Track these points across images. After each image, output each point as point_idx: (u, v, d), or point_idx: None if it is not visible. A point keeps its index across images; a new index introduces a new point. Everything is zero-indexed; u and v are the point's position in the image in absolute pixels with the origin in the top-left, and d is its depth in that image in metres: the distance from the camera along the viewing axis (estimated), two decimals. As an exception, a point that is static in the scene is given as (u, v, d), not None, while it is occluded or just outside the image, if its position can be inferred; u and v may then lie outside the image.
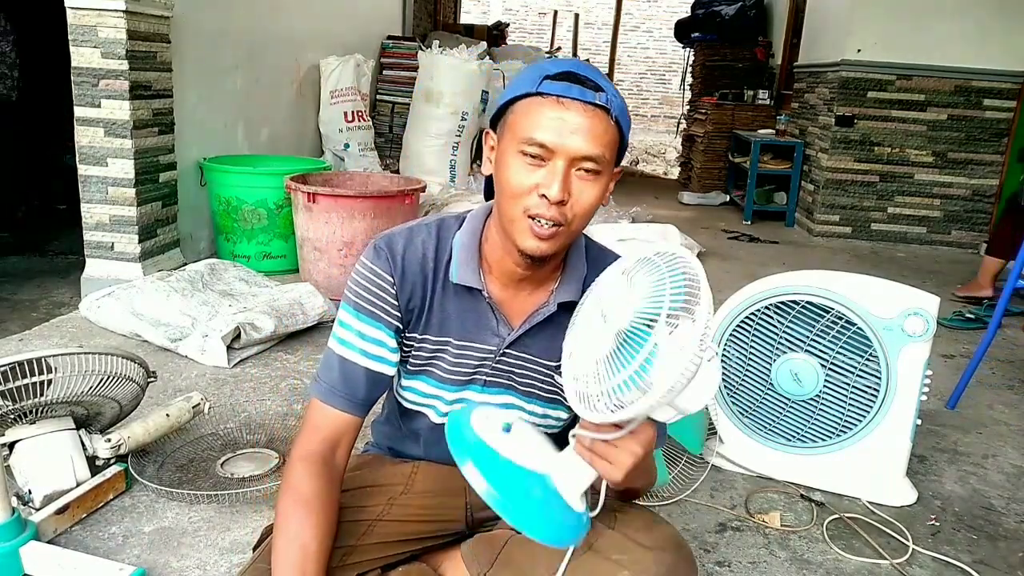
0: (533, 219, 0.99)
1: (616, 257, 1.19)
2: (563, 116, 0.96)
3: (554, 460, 1.00)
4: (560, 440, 1.19)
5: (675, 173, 8.57)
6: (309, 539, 1.00)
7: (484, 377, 1.14)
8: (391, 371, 1.12)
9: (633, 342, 0.89)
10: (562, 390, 1.15)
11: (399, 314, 1.10)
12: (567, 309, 1.12)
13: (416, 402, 1.18)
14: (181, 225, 3.46)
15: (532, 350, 1.13)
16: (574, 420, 1.25)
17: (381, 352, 1.10)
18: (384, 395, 1.29)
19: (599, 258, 1.17)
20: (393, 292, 1.09)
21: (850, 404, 1.91)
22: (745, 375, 1.99)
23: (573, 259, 1.13)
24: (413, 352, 1.14)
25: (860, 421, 1.90)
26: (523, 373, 1.14)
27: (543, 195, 0.97)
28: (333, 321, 1.15)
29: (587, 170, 0.98)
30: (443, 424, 1.18)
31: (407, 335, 1.13)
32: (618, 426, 0.92)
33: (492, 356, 1.13)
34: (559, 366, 1.14)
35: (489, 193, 1.11)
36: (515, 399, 1.15)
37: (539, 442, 1.02)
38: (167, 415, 1.87)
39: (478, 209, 1.14)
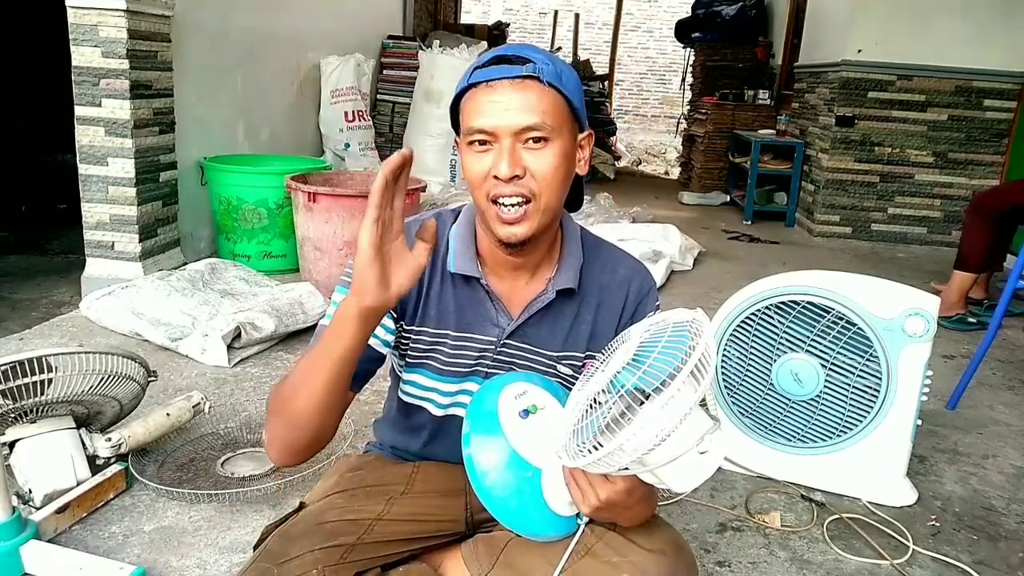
0: (496, 203, 1.01)
1: (613, 249, 1.20)
2: (494, 98, 0.99)
3: (551, 459, 1.01)
4: None
5: (675, 173, 8.57)
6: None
7: (485, 369, 1.14)
8: (380, 347, 1.12)
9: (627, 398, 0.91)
10: (565, 380, 1.15)
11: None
12: (566, 296, 1.13)
13: (416, 395, 1.19)
14: (181, 224, 3.46)
15: (532, 340, 1.14)
16: None
17: None
18: (387, 395, 1.29)
19: (595, 249, 1.18)
20: None
21: (850, 404, 1.90)
22: (745, 375, 1.99)
23: (570, 246, 1.14)
24: (411, 345, 1.14)
25: (860, 421, 1.90)
26: (524, 364, 1.14)
27: (496, 176, 1.00)
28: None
29: (535, 139, 1.00)
30: (444, 417, 1.19)
31: (404, 327, 1.14)
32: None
33: (492, 347, 1.13)
34: (560, 355, 1.14)
35: None
36: None
37: (556, 437, 1.02)
38: (167, 414, 1.87)
39: (472, 202, 1.15)
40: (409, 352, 1.15)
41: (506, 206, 1.01)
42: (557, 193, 1.04)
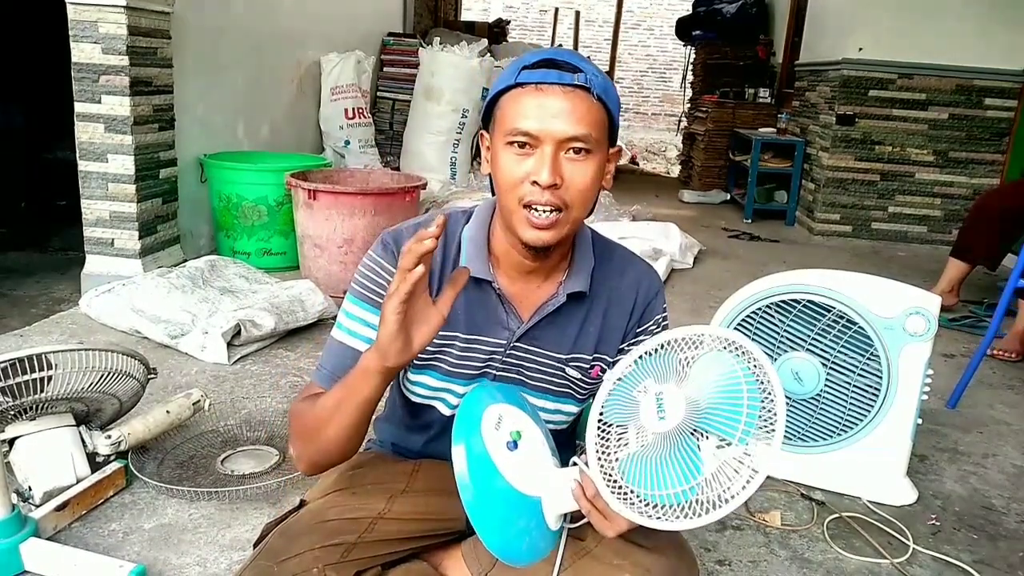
0: (529, 208, 1.00)
1: (623, 252, 1.20)
2: (543, 102, 0.97)
3: (549, 483, 0.99)
4: (560, 441, 1.19)
5: (676, 171, 8.56)
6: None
7: (494, 371, 1.14)
8: None
9: (687, 446, 0.91)
10: (573, 383, 1.15)
11: None
12: (576, 299, 1.13)
13: (425, 396, 1.18)
14: (181, 221, 3.46)
15: (542, 343, 1.13)
16: (581, 414, 1.26)
17: None
18: (387, 392, 1.29)
19: (606, 252, 1.18)
20: None
21: (851, 403, 1.90)
22: (746, 374, 1.98)
23: (580, 250, 1.14)
24: None
25: (861, 420, 1.90)
26: (533, 367, 1.14)
27: (535, 182, 0.98)
28: (334, 318, 1.15)
29: (576, 151, 0.99)
30: (452, 417, 1.18)
31: None
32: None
33: (502, 350, 1.13)
34: (569, 358, 1.14)
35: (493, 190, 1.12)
36: (526, 395, 1.15)
37: (542, 455, 1.02)
38: (167, 412, 1.87)
39: (485, 203, 1.15)
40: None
41: (538, 211, 0.99)
42: (587, 205, 1.03)
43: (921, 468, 2.13)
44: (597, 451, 0.93)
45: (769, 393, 0.90)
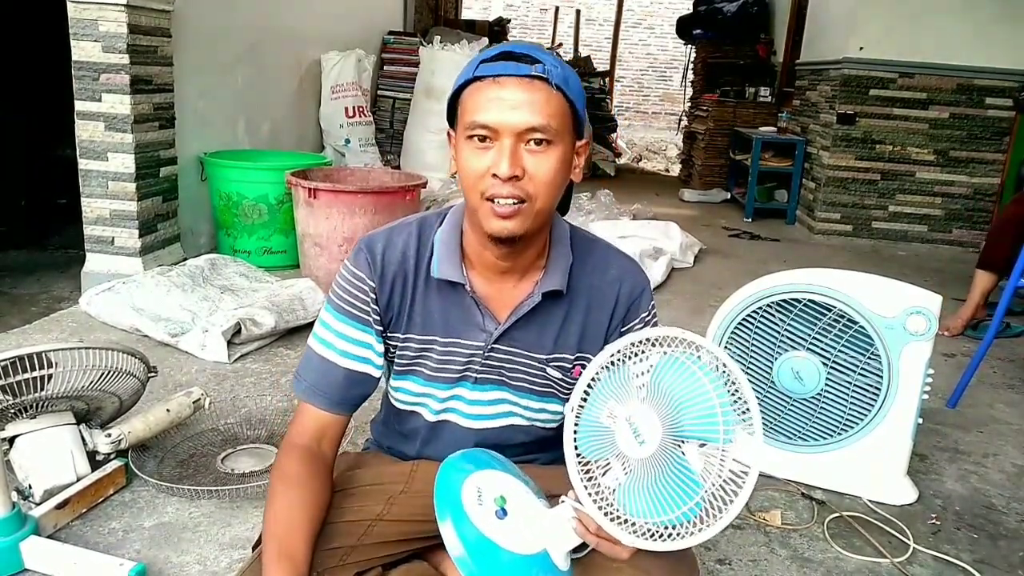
0: (492, 201, 0.99)
1: (605, 248, 1.18)
2: (501, 94, 0.97)
3: (548, 530, 0.98)
4: (552, 439, 1.18)
5: (676, 170, 8.56)
6: (293, 511, 1.02)
7: (474, 374, 1.13)
8: (375, 372, 1.12)
9: (676, 461, 0.90)
10: (555, 383, 1.14)
11: (379, 316, 1.11)
12: (554, 298, 1.11)
13: (408, 402, 1.18)
14: (181, 220, 3.46)
15: (521, 344, 1.12)
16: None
17: (362, 353, 1.11)
18: (381, 394, 1.28)
19: (586, 249, 1.15)
20: (373, 296, 1.09)
21: (851, 403, 1.90)
22: (746, 373, 1.98)
23: (557, 248, 1.12)
24: (398, 352, 1.13)
25: (861, 420, 1.90)
26: (513, 367, 1.13)
27: (495, 175, 0.97)
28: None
29: (537, 142, 0.98)
30: (437, 422, 1.18)
31: (390, 335, 1.12)
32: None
33: (480, 352, 1.11)
34: (549, 358, 1.13)
35: None
36: (508, 394, 1.14)
37: (530, 504, 1.01)
38: (167, 410, 1.86)
39: (458, 205, 1.13)
40: (397, 359, 1.14)
41: (500, 202, 0.99)
42: (552, 198, 1.02)
43: (921, 467, 2.13)
44: (585, 487, 0.92)
45: (733, 381, 0.89)
